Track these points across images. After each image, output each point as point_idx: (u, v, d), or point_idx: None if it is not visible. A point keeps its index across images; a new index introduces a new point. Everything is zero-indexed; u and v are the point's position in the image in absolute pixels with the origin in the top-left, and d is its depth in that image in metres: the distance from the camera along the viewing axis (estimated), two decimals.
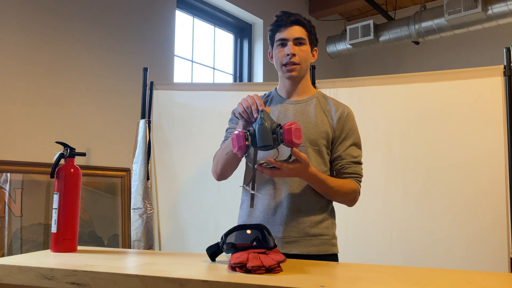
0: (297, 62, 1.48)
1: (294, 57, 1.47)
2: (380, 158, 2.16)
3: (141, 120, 2.38)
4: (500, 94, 1.98)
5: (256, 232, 1.19)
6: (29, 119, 2.38)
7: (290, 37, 1.48)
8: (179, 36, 3.47)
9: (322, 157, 1.48)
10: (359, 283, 0.95)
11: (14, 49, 2.34)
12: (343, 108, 1.54)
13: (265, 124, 1.25)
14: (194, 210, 2.35)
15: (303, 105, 1.53)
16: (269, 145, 1.24)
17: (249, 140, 1.25)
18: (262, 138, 1.24)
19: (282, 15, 1.51)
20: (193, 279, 0.95)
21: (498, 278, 1.04)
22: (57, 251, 1.35)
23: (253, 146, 1.26)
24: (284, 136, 1.23)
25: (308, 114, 1.51)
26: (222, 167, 1.53)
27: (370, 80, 2.23)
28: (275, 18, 1.53)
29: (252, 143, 1.26)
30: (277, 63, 1.54)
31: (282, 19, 1.50)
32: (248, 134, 1.26)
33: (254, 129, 1.27)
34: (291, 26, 1.49)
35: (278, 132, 1.24)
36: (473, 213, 1.98)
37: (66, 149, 1.42)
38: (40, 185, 2.32)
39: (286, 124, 1.24)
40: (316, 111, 1.51)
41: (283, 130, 1.23)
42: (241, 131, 1.26)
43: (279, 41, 1.50)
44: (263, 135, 1.24)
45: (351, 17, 5.23)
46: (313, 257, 1.42)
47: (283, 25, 1.50)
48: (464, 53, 4.64)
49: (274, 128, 1.25)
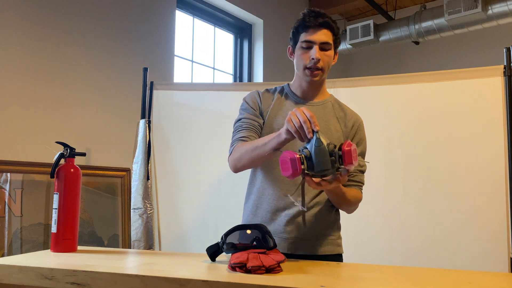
0: (321, 68, 1.44)
1: (319, 62, 1.43)
2: (380, 158, 2.16)
3: (141, 120, 2.38)
4: (500, 94, 1.98)
5: (256, 232, 1.19)
6: (29, 119, 2.38)
7: (317, 40, 1.42)
8: (179, 36, 3.47)
9: None
10: (359, 283, 0.95)
11: (14, 49, 2.34)
12: (356, 117, 1.55)
13: (322, 147, 1.12)
14: (194, 210, 2.35)
15: (318, 107, 1.51)
16: (327, 169, 1.12)
17: (304, 164, 1.12)
18: (320, 162, 1.12)
19: (311, 15, 1.44)
20: (193, 279, 0.95)
21: (498, 278, 1.04)
22: (57, 251, 1.35)
23: (308, 170, 1.13)
24: (345, 159, 1.12)
25: (323, 118, 1.49)
26: (245, 164, 1.41)
27: (370, 80, 2.23)
28: (302, 16, 1.45)
29: (308, 167, 1.13)
30: (299, 64, 1.48)
31: (311, 20, 1.43)
32: (304, 158, 1.13)
33: (309, 151, 1.13)
34: (319, 30, 1.42)
35: (336, 154, 1.13)
36: (473, 213, 1.98)
37: (66, 149, 1.42)
38: (40, 185, 2.32)
39: (344, 144, 1.13)
40: (330, 116, 1.50)
41: (343, 152, 1.12)
42: (296, 154, 1.13)
43: (305, 43, 1.44)
44: (321, 159, 1.12)
45: (351, 17, 5.23)
46: (319, 258, 1.42)
47: (311, 27, 1.42)
48: (464, 53, 4.64)
49: (332, 150, 1.13)
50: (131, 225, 2.17)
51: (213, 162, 2.23)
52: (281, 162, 1.16)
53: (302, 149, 1.16)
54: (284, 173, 1.15)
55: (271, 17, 4.21)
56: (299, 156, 1.13)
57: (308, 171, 1.13)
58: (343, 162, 1.12)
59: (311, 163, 1.12)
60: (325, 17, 1.44)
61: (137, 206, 2.16)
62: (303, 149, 1.16)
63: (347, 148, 1.12)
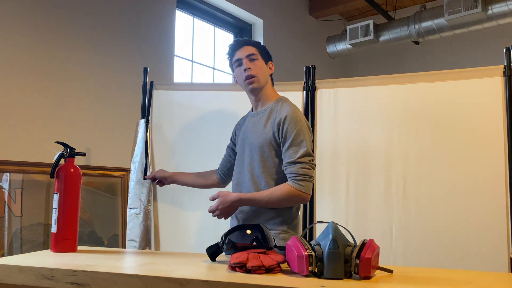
0: (254, 74, 1.66)
1: (250, 70, 1.66)
2: (380, 158, 2.16)
3: (141, 120, 2.38)
4: (500, 94, 1.98)
5: (256, 232, 1.19)
6: (29, 119, 2.38)
7: (242, 55, 1.69)
8: (179, 36, 3.47)
9: (270, 159, 1.62)
10: (360, 283, 0.95)
11: (14, 50, 2.34)
12: (283, 114, 1.63)
13: (338, 251, 0.97)
14: (193, 210, 2.34)
15: (259, 116, 1.70)
16: (339, 279, 0.97)
17: (313, 265, 0.97)
18: (331, 269, 0.96)
19: (233, 41, 1.75)
20: (193, 279, 0.94)
21: (498, 278, 1.04)
22: (57, 251, 1.35)
23: (317, 272, 0.98)
24: (361, 268, 0.96)
25: (257, 126, 1.68)
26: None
27: (370, 80, 2.23)
28: (228, 47, 1.75)
29: (317, 266, 0.98)
30: (240, 82, 1.72)
31: (233, 45, 1.73)
32: (314, 258, 0.98)
33: (322, 251, 0.98)
34: (242, 47, 1.70)
35: (352, 262, 0.97)
36: (473, 213, 1.98)
37: (66, 149, 1.42)
38: (40, 185, 2.32)
39: (365, 251, 0.96)
40: (264, 123, 1.66)
41: (361, 261, 0.95)
42: (305, 250, 0.99)
43: (236, 62, 1.71)
44: (334, 265, 0.96)
45: (351, 17, 5.23)
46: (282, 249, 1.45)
47: (235, 49, 1.71)
48: (464, 53, 4.64)
49: (349, 254, 0.98)
50: (127, 224, 2.17)
51: (213, 162, 2.22)
52: (288, 249, 1.04)
53: (314, 245, 1.01)
54: (292, 267, 1.03)
55: (271, 17, 4.21)
56: (307, 254, 0.98)
57: (317, 272, 0.99)
58: (358, 272, 0.96)
59: (322, 265, 0.98)
60: (246, 39, 1.77)
61: (133, 206, 2.16)
62: (315, 244, 1.01)
63: (366, 256, 0.95)
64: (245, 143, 1.71)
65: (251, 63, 1.67)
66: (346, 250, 0.98)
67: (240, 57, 1.69)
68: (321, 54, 4.80)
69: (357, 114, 2.21)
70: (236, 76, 1.74)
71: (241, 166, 1.71)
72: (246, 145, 1.70)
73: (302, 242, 1.01)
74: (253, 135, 1.67)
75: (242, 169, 1.70)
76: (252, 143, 1.66)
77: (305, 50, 4.63)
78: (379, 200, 2.15)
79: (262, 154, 1.62)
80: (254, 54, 1.69)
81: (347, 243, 1.00)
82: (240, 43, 1.72)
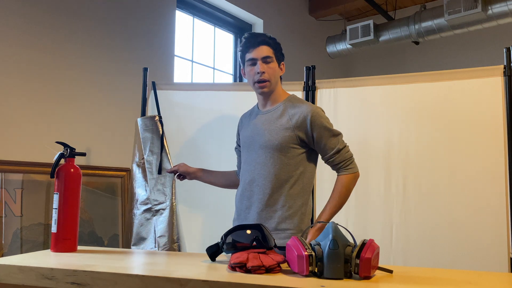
0: (267, 79, 1.65)
1: (263, 74, 1.64)
2: (380, 157, 2.16)
3: (138, 119, 2.38)
4: (500, 94, 1.98)
5: (256, 232, 1.19)
6: (29, 119, 2.38)
7: (258, 56, 1.64)
8: (179, 36, 3.47)
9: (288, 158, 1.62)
10: (360, 283, 0.95)
11: (14, 49, 2.34)
12: (304, 110, 1.64)
13: (338, 251, 0.98)
14: (193, 209, 2.35)
15: (268, 115, 1.69)
16: (339, 279, 0.98)
17: (313, 265, 0.98)
18: (331, 269, 0.97)
19: (250, 36, 1.68)
20: (193, 279, 0.95)
21: (498, 278, 1.04)
22: (57, 251, 1.35)
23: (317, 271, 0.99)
24: (361, 268, 0.96)
25: (269, 122, 1.67)
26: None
27: (370, 80, 2.23)
28: (244, 40, 1.69)
29: (317, 266, 0.99)
30: (249, 81, 1.70)
31: (250, 41, 1.66)
32: (314, 258, 0.99)
33: (322, 251, 0.99)
34: (259, 47, 1.65)
35: (352, 262, 0.98)
36: (473, 213, 1.98)
37: (66, 149, 1.42)
38: (40, 185, 2.32)
39: (365, 251, 0.97)
40: (278, 118, 1.66)
41: (361, 260, 0.96)
42: (305, 250, 1.00)
43: (250, 61, 1.67)
44: (334, 265, 0.97)
45: (351, 17, 5.23)
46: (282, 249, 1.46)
47: (251, 46, 1.65)
48: (464, 53, 4.64)
49: (349, 254, 0.98)
50: (158, 223, 2.12)
51: (212, 162, 2.22)
52: (288, 249, 1.05)
53: (314, 245, 1.02)
54: (292, 267, 1.04)
55: (271, 17, 4.21)
56: (307, 254, 0.98)
57: (317, 272, 1.00)
58: (358, 271, 0.97)
59: (322, 265, 0.99)
60: (263, 36, 1.68)
61: (158, 201, 2.12)
62: (315, 244, 1.02)
63: (366, 256, 0.96)
64: (254, 141, 1.68)
65: (265, 66, 1.64)
66: (346, 250, 0.99)
67: (255, 57, 1.64)
68: (321, 54, 4.80)
69: (357, 114, 2.21)
70: (247, 74, 1.70)
71: (252, 164, 1.67)
72: (256, 143, 1.67)
73: (302, 242, 1.02)
74: (267, 133, 1.64)
75: (255, 168, 1.65)
76: (267, 141, 1.63)
77: (305, 50, 4.63)
78: (379, 200, 2.15)
79: (281, 151, 1.61)
80: (270, 57, 1.65)
81: (347, 243, 1.00)
82: (257, 42, 1.65)
